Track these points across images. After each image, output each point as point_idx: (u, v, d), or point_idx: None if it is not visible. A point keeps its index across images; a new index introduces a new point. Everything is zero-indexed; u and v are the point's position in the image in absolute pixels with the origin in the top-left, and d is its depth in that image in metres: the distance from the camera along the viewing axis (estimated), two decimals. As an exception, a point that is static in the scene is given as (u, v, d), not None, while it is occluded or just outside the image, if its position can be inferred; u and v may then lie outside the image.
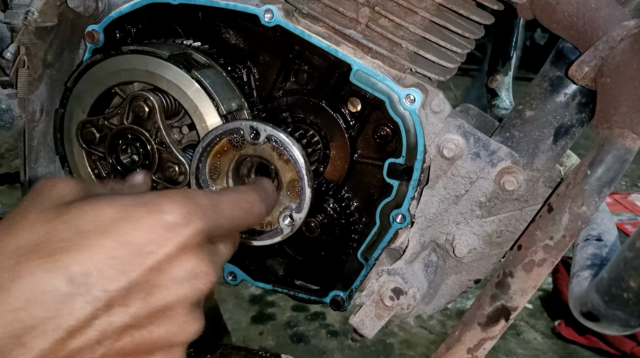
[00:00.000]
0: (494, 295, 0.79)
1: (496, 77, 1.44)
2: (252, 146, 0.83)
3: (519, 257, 0.77)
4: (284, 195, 0.85)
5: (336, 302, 0.99)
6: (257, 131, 0.81)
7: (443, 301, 1.00)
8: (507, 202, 0.89)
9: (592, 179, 0.71)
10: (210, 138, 0.84)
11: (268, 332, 2.78)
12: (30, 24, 0.98)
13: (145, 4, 0.95)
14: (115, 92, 0.95)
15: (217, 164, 0.85)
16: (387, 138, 0.92)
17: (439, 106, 0.89)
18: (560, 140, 0.87)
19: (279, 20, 0.88)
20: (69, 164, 1.00)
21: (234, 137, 0.83)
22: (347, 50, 0.88)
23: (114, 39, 0.99)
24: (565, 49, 0.86)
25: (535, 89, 0.88)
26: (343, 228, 0.97)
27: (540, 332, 2.86)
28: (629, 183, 4.65)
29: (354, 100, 0.92)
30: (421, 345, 2.69)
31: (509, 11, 0.89)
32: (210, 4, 0.92)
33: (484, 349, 0.82)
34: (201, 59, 0.93)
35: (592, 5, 0.77)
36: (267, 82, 0.97)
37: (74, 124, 0.97)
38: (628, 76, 0.71)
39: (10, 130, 1.05)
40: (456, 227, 0.92)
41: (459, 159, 0.88)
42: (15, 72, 1.03)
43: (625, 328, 0.62)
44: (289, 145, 0.81)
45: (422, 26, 0.86)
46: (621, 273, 0.58)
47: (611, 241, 0.82)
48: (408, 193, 0.90)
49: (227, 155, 0.84)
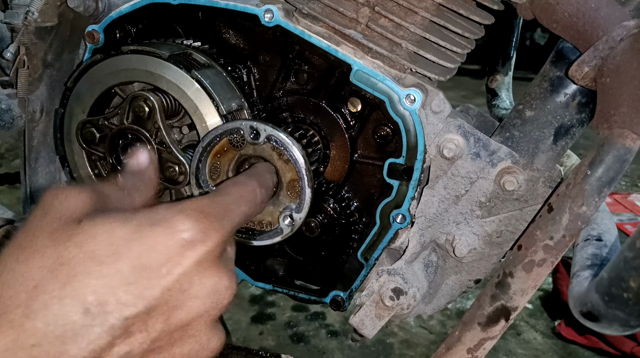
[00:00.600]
0: (494, 295, 0.79)
1: (496, 77, 1.44)
2: (252, 146, 0.83)
3: (519, 257, 0.77)
4: (284, 195, 0.85)
5: (336, 302, 0.99)
6: (257, 131, 0.81)
7: (443, 301, 1.00)
8: (507, 202, 0.89)
9: (592, 179, 0.71)
10: (210, 138, 0.84)
11: (268, 332, 2.78)
12: (30, 24, 0.98)
13: (145, 4, 0.95)
14: (115, 92, 0.95)
15: (217, 163, 0.85)
16: (387, 138, 0.92)
17: (439, 106, 0.89)
18: (560, 140, 0.87)
19: (279, 20, 0.88)
20: (69, 164, 1.00)
21: (234, 137, 0.83)
22: (347, 50, 0.88)
23: (114, 39, 0.99)
24: (565, 49, 0.86)
25: (535, 89, 0.88)
26: (343, 228, 0.97)
27: (540, 332, 2.85)
28: (629, 184, 4.65)
29: (354, 100, 0.92)
30: (421, 345, 2.69)
31: (509, 11, 0.89)
32: (210, 4, 0.92)
33: (484, 349, 0.82)
34: (201, 59, 0.93)
35: (592, 5, 0.77)
36: (267, 82, 0.97)
37: (74, 124, 0.97)
38: (628, 76, 0.71)
39: (10, 130, 1.05)
40: (456, 227, 0.92)
41: (459, 159, 0.88)
42: (15, 72, 1.03)
43: (625, 328, 0.62)
44: (288, 145, 0.81)
45: (422, 26, 0.86)
46: (621, 273, 0.58)
47: (611, 241, 0.82)
48: (408, 194, 0.90)
49: (227, 155, 0.84)
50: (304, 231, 0.96)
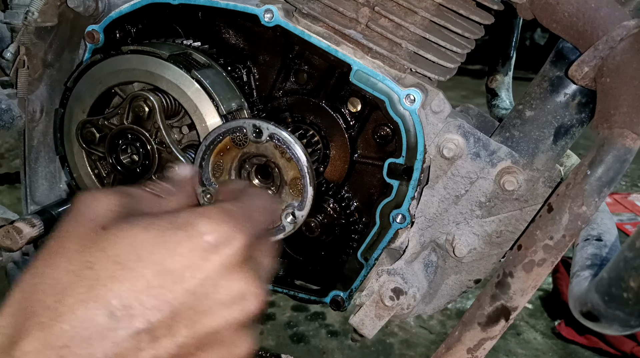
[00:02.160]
0: (494, 295, 0.79)
1: (496, 77, 1.44)
2: (255, 144, 0.83)
3: (519, 257, 0.77)
4: (286, 193, 0.85)
5: (336, 302, 0.99)
6: (259, 129, 0.82)
7: (443, 301, 1.00)
8: (507, 202, 0.89)
9: (592, 178, 0.71)
10: (213, 136, 0.84)
11: (268, 332, 2.78)
12: (30, 24, 0.98)
13: (145, 4, 0.95)
14: (115, 92, 0.95)
15: (220, 162, 0.85)
16: (387, 138, 0.92)
17: (439, 106, 0.89)
18: (560, 140, 0.87)
19: (279, 20, 0.88)
20: (69, 163, 1.00)
21: (237, 135, 0.83)
22: (347, 50, 0.88)
23: (114, 39, 0.99)
24: (565, 49, 0.86)
25: (535, 89, 0.88)
26: (343, 228, 0.97)
27: (540, 332, 2.85)
28: (629, 184, 4.65)
29: (354, 100, 0.92)
30: (421, 345, 2.69)
31: (509, 11, 0.89)
32: (210, 4, 0.92)
33: (484, 349, 0.82)
34: (201, 59, 0.93)
35: (592, 5, 0.77)
36: (267, 82, 0.97)
37: (74, 124, 0.97)
38: (628, 76, 0.71)
39: (10, 130, 1.05)
40: (456, 227, 0.92)
41: (459, 159, 0.88)
42: (15, 72, 1.03)
43: (625, 328, 0.62)
44: (291, 144, 0.82)
45: (422, 26, 0.86)
46: (621, 273, 0.58)
47: (611, 241, 0.82)
48: (408, 193, 0.90)
49: (230, 153, 0.85)
50: (304, 231, 0.96)
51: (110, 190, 0.56)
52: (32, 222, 0.97)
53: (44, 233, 0.99)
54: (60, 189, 1.12)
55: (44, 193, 1.11)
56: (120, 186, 0.94)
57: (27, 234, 0.95)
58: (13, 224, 0.96)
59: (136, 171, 0.93)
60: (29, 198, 1.11)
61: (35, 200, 1.11)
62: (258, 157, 0.85)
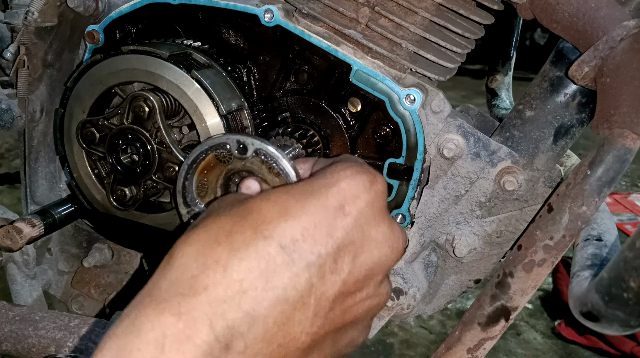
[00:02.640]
0: (494, 295, 0.79)
1: (496, 77, 1.44)
2: (240, 160, 0.79)
3: (519, 257, 0.77)
4: None
5: (336, 302, 0.99)
6: (244, 145, 0.76)
7: (443, 301, 1.00)
8: (507, 202, 0.89)
9: (592, 179, 0.71)
10: (195, 154, 0.78)
11: (268, 332, 2.78)
12: (30, 24, 0.98)
13: (145, 4, 0.95)
14: (115, 92, 0.95)
15: (204, 180, 0.79)
16: (387, 138, 0.92)
17: (439, 106, 0.89)
18: (560, 140, 0.87)
19: (279, 20, 0.88)
20: (69, 163, 1.00)
21: (221, 152, 0.77)
22: (347, 50, 0.88)
23: (114, 39, 0.99)
24: (565, 49, 0.86)
25: (535, 89, 0.88)
26: (343, 228, 0.97)
27: (540, 332, 2.85)
28: (629, 184, 4.65)
29: (354, 100, 0.92)
30: (421, 345, 2.69)
31: (509, 11, 0.89)
32: (210, 4, 0.92)
33: (484, 349, 0.82)
34: (201, 59, 0.93)
35: (592, 5, 0.77)
36: (267, 82, 0.97)
37: (74, 124, 0.97)
38: (628, 76, 0.71)
39: (10, 130, 1.05)
40: (456, 227, 0.92)
41: (459, 159, 0.88)
42: (15, 72, 1.03)
43: (625, 328, 0.62)
44: (278, 159, 0.76)
45: (422, 26, 0.86)
46: (621, 273, 0.58)
47: (611, 241, 0.82)
48: (408, 193, 0.90)
49: (214, 171, 0.79)
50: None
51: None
52: (32, 222, 0.97)
53: (44, 233, 0.99)
54: (60, 189, 1.12)
55: (44, 193, 1.11)
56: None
57: (27, 234, 0.95)
58: (13, 224, 0.96)
59: (136, 171, 0.93)
60: (29, 198, 1.11)
61: (35, 200, 1.11)
62: (245, 172, 0.80)
